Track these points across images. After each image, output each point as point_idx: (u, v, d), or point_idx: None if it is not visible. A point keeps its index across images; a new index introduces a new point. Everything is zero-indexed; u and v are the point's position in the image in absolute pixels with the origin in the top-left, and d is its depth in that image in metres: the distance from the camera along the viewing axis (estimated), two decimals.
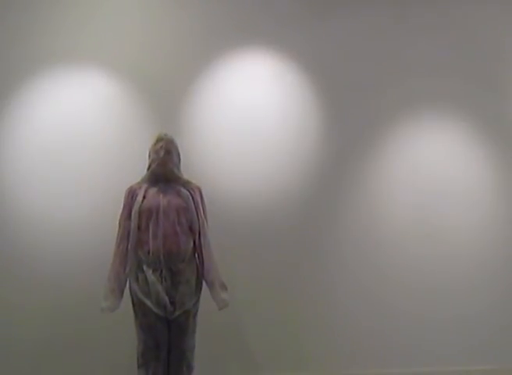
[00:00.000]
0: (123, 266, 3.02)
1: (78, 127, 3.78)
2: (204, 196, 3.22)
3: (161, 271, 2.96)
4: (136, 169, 3.26)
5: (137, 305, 3.00)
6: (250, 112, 3.91)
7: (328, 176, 3.93)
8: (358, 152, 3.98)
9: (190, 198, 3.11)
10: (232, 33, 3.97)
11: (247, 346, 3.69)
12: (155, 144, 3.14)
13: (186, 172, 3.31)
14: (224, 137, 3.87)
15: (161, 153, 3.09)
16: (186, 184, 3.17)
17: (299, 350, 3.73)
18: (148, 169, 3.16)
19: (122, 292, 3.01)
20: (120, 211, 3.11)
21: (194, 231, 3.08)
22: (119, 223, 3.09)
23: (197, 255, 3.12)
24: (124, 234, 3.05)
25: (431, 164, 3.99)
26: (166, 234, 2.97)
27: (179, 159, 3.22)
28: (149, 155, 3.17)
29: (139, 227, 3.02)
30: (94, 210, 3.69)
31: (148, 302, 2.95)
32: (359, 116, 3.99)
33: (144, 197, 3.06)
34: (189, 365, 3.04)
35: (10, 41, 3.83)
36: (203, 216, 3.14)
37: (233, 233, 3.77)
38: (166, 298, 2.95)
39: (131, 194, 3.11)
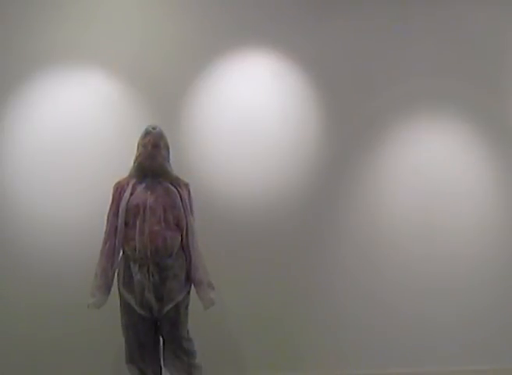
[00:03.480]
0: (110, 262, 3.01)
1: (78, 127, 3.78)
2: (192, 193, 3.18)
3: (149, 267, 2.94)
4: None
5: (122, 303, 3.02)
6: (250, 112, 3.91)
7: (328, 176, 3.92)
8: (358, 153, 3.98)
9: (178, 195, 3.08)
10: (232, 33, 3.96)
11: (244, 346, 3.69)
12: (143, 137, 3.11)
13: (186, 172, 3.31)
14: (224, 137, 3.87)
15: (149, 147, 3.06)
16: (175, 181, 3.13)
17: (298, 350, 3.73)
18: (135, 162, 3.12)
19: (109, 289, 3.02)
20: (108, 207, 3.10)
21: (181, 228, 3.06)
22: (107, 219, 3.08)
23: (183, 253, 3.09)
24: (111, 231, 3.04)
25: (431, 164, 3.99)
26: (152, 231, 2.95)
27: (169, 153, 3.16)
28: (137, 149, 3.13)
29: (126, 224, 3.00)
30: (94, 210, 3.67)
31: (132, 302, 2.96)
32: (359, 117, 3.99)
33: (132, 193, 3.03)
34: (188, 352, 3.05)
35: (10, 41, 3.82)
36: (190, 214, 3.11)
37: (233, 234, 3.76)
38: (152, 298, 2.94)
39: (119, 190, 3.08)
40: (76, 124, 3.78)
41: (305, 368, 3.73)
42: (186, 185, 3.17)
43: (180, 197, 3.08)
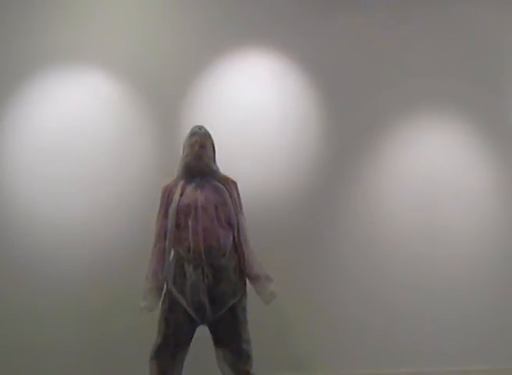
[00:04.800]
0: (161, 264, 2.97)
1: (78, 127, 3.78)
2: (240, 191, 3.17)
3: (203, 268, 2.91)
4: (137, 168, 3.26)
5: (169, 300, 2.96)
6: (250, 112, 3.91)
7: (328, 176, 3.92)
8: (358, 153, 3.98)
9: (227, 193, 3.07)
10: (232, 33, 3.97)
11: None
12: (189, 138, 3.10)
13: None
14: (224, 137, 3.84)
15: (196, 147, 3.05)
16: (223, 179, 3.12)
17: (297, 350, 3.73)
18: (181, 162, 3.10)
19: (160, 291, 2.98)
20: (157, 209, 3.06)
21: (233, 226, 3.04)
22: (156, 222, 3.05)
23: (235, 251, 3.06)
24: (161, 233, 3.01)
25: (431, 164, 3.99)
26: (206, 229, 2.92)
27: (215, 153, 3.17)
28: (183, 150, 3.12)
29: (178, 225, 2.96)
30: (94, 210, 3.69)
31: (184, 303, 2.91)
32: (359, 117, 3.99)
33: (181, 194, 3.01)
34: (246, 355, 3.00)
35: (10, 41, 3.83)
36: (240, 212, 3.11)
37: None
38: (206, 301, 2.90)
39: (167, 193, 3.06)
40: (76, 124, 3.78)
41: (305, 368, 3.73)
42: (235, 183, 3.16)
43: (230, 194, 3.07)
